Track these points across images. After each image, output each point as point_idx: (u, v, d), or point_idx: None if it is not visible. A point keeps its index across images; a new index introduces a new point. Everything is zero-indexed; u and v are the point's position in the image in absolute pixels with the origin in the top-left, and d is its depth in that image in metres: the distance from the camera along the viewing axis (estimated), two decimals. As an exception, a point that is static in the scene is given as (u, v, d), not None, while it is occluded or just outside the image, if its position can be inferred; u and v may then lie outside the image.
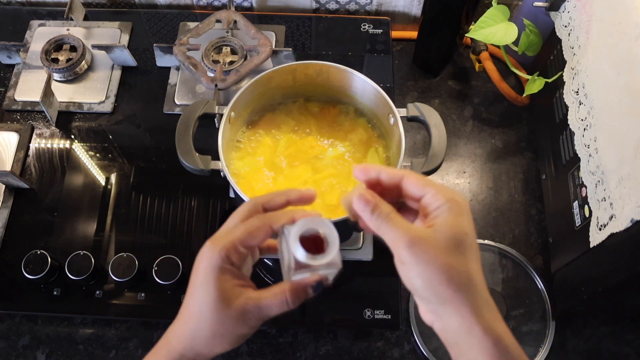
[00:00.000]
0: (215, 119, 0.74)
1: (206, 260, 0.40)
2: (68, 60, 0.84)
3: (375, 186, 0.41)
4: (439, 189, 0.38)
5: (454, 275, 0.35)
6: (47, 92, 0.79)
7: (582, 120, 0.64)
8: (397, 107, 0.63)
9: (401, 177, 0.39)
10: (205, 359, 0.42)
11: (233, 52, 0.84)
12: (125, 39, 0.89)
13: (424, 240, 0.36)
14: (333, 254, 0.38)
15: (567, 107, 0.68)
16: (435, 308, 0.37)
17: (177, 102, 0.83)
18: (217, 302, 0.39)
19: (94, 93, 0.85)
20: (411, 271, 0.36)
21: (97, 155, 0.80)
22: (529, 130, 0.86)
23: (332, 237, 0.39)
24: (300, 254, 0.37)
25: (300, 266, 0.38)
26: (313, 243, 0.39)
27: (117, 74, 0.86)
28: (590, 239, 0.59)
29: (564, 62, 0.70)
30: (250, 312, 0.40)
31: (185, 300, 0.42)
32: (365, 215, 0.38)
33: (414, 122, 0.65)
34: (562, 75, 0.70)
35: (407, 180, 0.39)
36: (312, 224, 0.39)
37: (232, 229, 0.41)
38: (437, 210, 0.37)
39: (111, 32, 0.90)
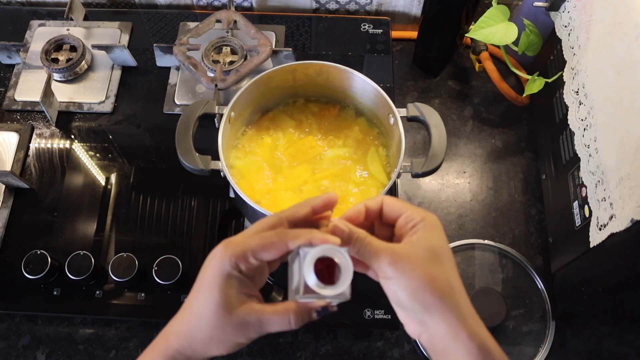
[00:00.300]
0: (215, 119, 0.74)
1: (215, 264, 0.40)
2: (68, 60, 0.84)
3: (355, 219, 0.43)
4: (414, 209, 0.41)
5: (437, 284, 0.38)
6: (47, 92, 0.79)
7: (582, 120, 0.64)
8: (397, 107, 0.63)
9: (381, 201, 0.42)
10: (201, 358, 0.42)
11: (233, 52, 0.84)
12: (125, 39, 0.89)
13: (405, 255, 0.39)
14: (345, 287, 0.38)
15: (567, 107, 0.68)
16: (422, 317, 0.38)
17: (177, 102, 0.83)
18: (219, 307, 0.39)
19: (94, 93, 0.85)
20: (397, 284, 0.39)
21: (97, 155, 0.80)
22: (529, 130, 0.86)
23: (347, 268, 0.38)
24: (312, 281, 0.37)
25: (309, 291, 0.37)
26: (326, 268, 0.38)
27: (117, 74, 0.86)
28: (590, 239, 0.59)
29: (564, 62, 0.70)
30: (250, 324, 0.40)
31: (189, 298, 0.42)
32: (343, 235, 0.40)
33: (414, 122, 0.65)
34: (562, 75, 0.70)
35: (386, 204, 0.42)
36: (330, 252, 0.38)
37: (249, 237, 0.40)
38: (414, 229, 0.40)
39: (111, 32, 0.90)
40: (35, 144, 0.81)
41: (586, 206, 0.61)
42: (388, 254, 0.39)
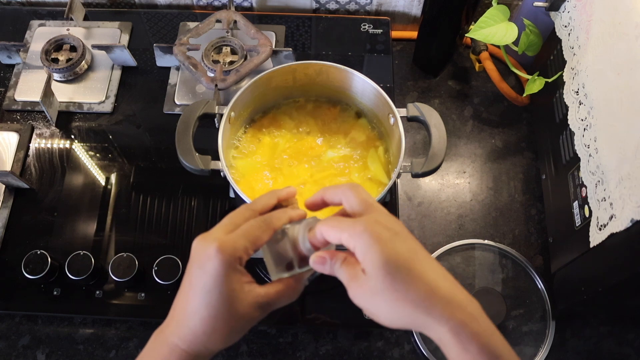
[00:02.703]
0: (215, 119, 0.74)
1: (218, 264, 0.39)
2: (68, 60, 0.84)
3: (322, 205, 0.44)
4: (351, 228, 0.38)
5: (407, 301, 0.36)
6: (47, 92, 0.79)
7: (582, 120, 0.64)
8: (397, 107, 0.63)
9: (319, 228, 0.41)
10: (213, 354, 0.43)
11: (233, 52, 0.84)
12: (125, 39, 0.89)
13: (360, 285, 0.38)
14: (332, 249, 0.42)
15: (567, 107, 0.68)
16: (416, 330, 0.39)
17: (177, 102, 0.83)
18: (232, 304, 0.40)
19: (94, 93, 0.85)
20: (371, 314, 0.39)
21: (97, 155, 0.80)
22: (529, 130, 0.86)
23: None
24: (309, 247, 0.41)
25: (304, 260, 0.42)
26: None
27: (117, 74, 0.86)
28: (590, 239, 0.59)
29: (564, 62, 0.70)
30: (260, 308, 0.42)
31: (189, 302, 0.41)
32: (325, 268, 0.41)
33: (414, 122, 0.65)
34: (562, 75, 0.70)
35: (322, 229, 0.40)
36: (313, 223, 0.42)
37: (237, 233, 0.41)
38: (359, 253, 0.38)
39: (111, 32, 0.90)
40: (35, 144, 0.81)
41: (586, 206, 0.61)
42: (343, 277, 0.39)
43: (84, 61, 0.85)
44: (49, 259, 0.68)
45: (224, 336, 0.41)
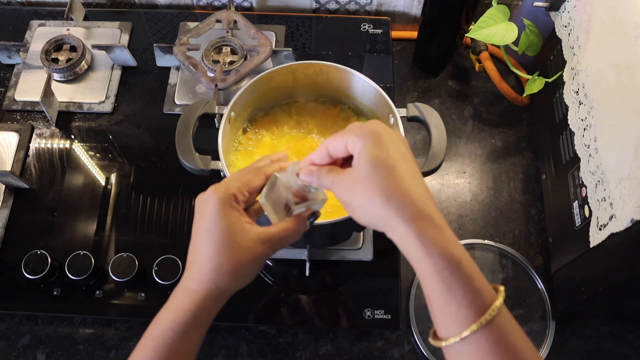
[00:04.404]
0: (215, 119, 0.74)
1: (214, 203, 0.42)
2: (68, 60, 0.84)
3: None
4: (353, 131, 0.40)
5: (383, 195, 0.37)
6: (47, 92, 0.79)
7: (582, 120, 0.64)
8: (397, 107, 0.63)
9: (325, 149, 0.42)
10: (228, 296, 0.44)
11: (233, 52, 0.84)
12: (125, 39, 0.89)
13: (344, 179, 0.40)
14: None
15: (567, 107, 0.68)
16: (383, 230, 0.39)
17: (177, 102, 0.83)
18: (233, 237, 0.42)
19: (94, 93, 0.85)
20: (347, 207, 0.41)
21: (97, 155, 0.80)
22: (529, 130, 0.86)
23: None
24: (301, 183, 0.44)
25: (299, 197, 0.45)
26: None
27: (117, 74, 0.86)
28: (590, 239, 0.59)
29: (564, 62, 0.70)
30: (264, 243, 0.43)
31: (195, 245, 0.43)
32: (313, 179, 0.43)
33: (414, 122, 0.65)
34: (562, 75, 0.70)
35: (329, 146, 0.42)
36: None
37: (229, 177, 0.45)
38: (356, 150, 0.40)
39: (111, 32, 0.90)
40: (35, 144, 0.81)
41: (586, 206, 0.61)
42: (330, 179, 0.41)
43: (84, 61, 0.85)
44: (49, 259, 0.68)
45: (231, 271, 0.42)
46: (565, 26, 0.71)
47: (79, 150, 0.81)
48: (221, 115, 0.63)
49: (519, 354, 0.35)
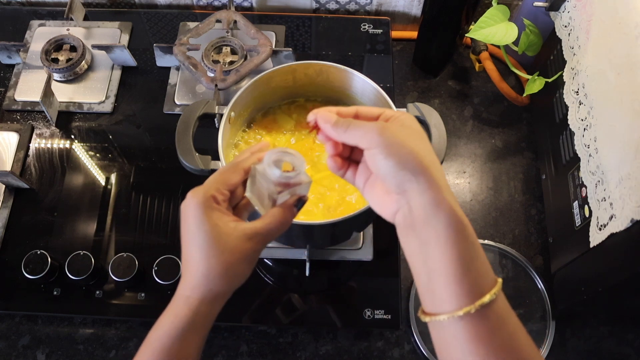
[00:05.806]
0: (215, 119, 0.74)
1: (193, 208, 0.42)
2: (68, 60, 0.84)
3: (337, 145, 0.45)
4: (390, 110, 0.43)
5: (423, 155, 0.38)
6: (47, 92, 0.79)
7: (582, 120, 0.64)
8: (397, 107, 0.63)
9: (354, 110, 0.43)
10: (225, 298, 0.44)
11: (233, 52, 0.84)
12: (125, 39, 0.89)
13: (393, 126, 0.40)
14: (302, 169, 0.44)
15: (567, 107, 0.68)
16: (407, 186, 0.38)
17: (177, 102, 0.83)
18: (219, 239, 0.41)
19: (94, 93, 0.85)
20: (386, 152, 0.39)
21: (97, 155, 0.80)
22: (529, 130, 0.86)
23: (297, 158, 0.44)
24: (278, 173, 0.44)
25: (281, 186, 0.45)
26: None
27: (117, 74, 0.86)
28: (590, 239, 0.59)
29: (564, 62, 0.70)
30: (251, 239, 0.43)
31: (185, 253, 0.43)
32: (328, 128, 0.42)
33: (414, 122, 0.65)
34: (562, 75, 0.70)
35: (360, 110, 0.43)
36: (278, 153, 0.45)
37: (207, 180, 0.45)
38: (393, 116, 0.42)
39: (111, 32, 0.90)
40: (35, 144, 0.81)
41: (586, 206, 0.61)
42: (377, 125, 0.40)
43: (84, 61, 0.85)
44: (49, 259, 0.68)
45: (222, 273, 0.42)
46: (565, 26, 0.71)
47: (79, 150, 0.81)
48: (221, 115, 0.63)
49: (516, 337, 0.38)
